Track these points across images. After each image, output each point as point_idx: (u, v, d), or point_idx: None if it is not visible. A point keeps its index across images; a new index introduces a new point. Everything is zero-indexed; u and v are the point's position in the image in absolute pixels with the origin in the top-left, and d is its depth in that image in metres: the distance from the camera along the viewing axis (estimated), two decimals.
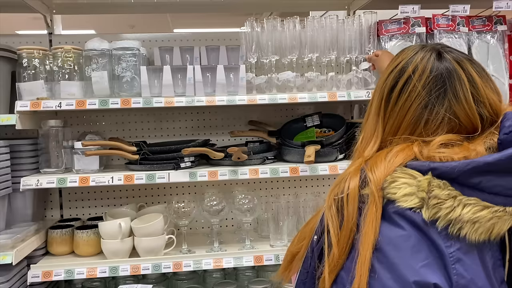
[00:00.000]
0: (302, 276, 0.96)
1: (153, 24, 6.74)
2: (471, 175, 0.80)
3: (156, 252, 2.02)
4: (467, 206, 0.79)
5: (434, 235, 0.80)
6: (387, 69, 0.98)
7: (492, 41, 2.18)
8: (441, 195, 0.80)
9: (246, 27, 2.09)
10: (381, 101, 0.96)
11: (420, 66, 0.92)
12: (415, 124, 0.91)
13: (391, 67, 0.97)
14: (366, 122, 1.00)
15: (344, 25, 2.10)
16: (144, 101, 1.95)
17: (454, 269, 0.77)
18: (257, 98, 2.01)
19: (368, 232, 0.82)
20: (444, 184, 0.81)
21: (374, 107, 0.98)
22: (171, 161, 2.02)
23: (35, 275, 1.91)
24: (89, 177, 1.94)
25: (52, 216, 2.39)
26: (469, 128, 0.89)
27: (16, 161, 2.02)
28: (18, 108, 1.89)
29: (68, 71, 2.02)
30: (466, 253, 0.79)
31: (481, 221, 0.79)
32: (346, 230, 0.86)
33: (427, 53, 0.94)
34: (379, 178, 0.85)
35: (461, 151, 0.83)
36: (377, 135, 0.96)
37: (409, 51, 0.97)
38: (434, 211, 0.80)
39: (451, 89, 0.89)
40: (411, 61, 0.94)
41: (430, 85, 0.90)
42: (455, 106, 0.88)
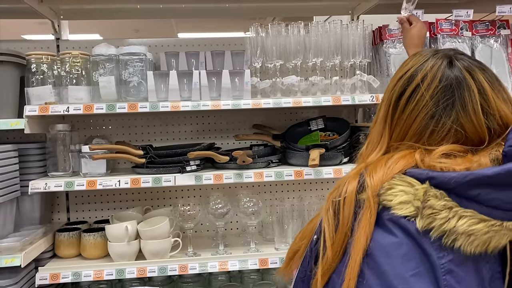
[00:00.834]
0: (301, 274, 0.96)
1: (157, 28, 6.79)
2: (469, 187, 0.78)
3: (162, 254, 2.04)
4: (463, 218, 0.78)
5: (427, 245, 0.79)
6: (396, 74, 0.97)
7: (496, 45, 2.20)
8: (436, 205, 0.79)
9: (251, 32, 2.11)
10: (388, 108, 0.95)
11: (430, 75, 0.90)
12: (421, 133, 0.89)
13: (400, 72, 0.95)
14: (373, 127, 0.99)
15: (348, 29, 2.12)
16: (150, 106, 1.97)
17: (445, 280, 0.76)
18: (261, 102, 2.03)
19: (360, 237, 0.82)
20: (441, 194, 0.79)
21: (381, 113, 0.97)
22: (177, 164, 2.04)
23: (43, 277, 1.94)
24: (96, 180, 1.96)
25: (59, 219, 2.42)
26: (476, 140, 0.87)
27: (24, 164, 2.05)
28: (27, 112, 1.92)
29: (76, 76, 2.05)
30: (459, 265, 0.78)
31: (476, 234, 0.77)
32: (340, 234, 0.86)
33: (438, 60, 0.91)
34: (376, 184, 0.84)
35: (463, 162, 0.82)
36: (383, 141, 0.95)
37: (420, 57, 0.95)
38: (428, 221, 0.79)
39: (460, 100, 0.87)
40: (420, 68, 0.92)
41: (438, 95, 0.88)
42: (462, 118, 0.87)
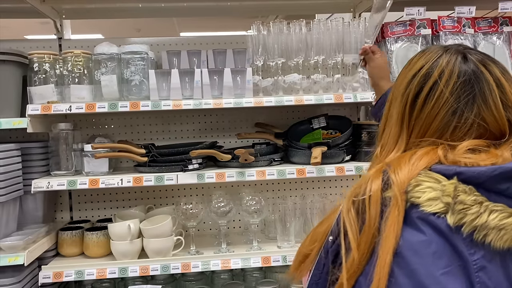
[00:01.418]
0: (315, 277, 0.93)
1: (159, 28, 6.80)
2: (498, 181, 0.77)
3: (165, 253, 2.04)
4: (494, 212, 0.76)
5: (458, 241, 0.77)
6: (407, 73, 0.94)
7: (498, 42, 2.19)
8: (467, 201, 0.77)
9: (253, 30, 2.11)
10: (404, 108, 0.92)
11: (447, 71, 0.88)
12: (443, 130, 0.88)
13: (412, 70, 0.93)
14: (384, 129, 0.97)
15: (349, 27, 2.11)
16: (152, 104, 1.98)
17: (478, 277, 0.75)
18: (263, 101, 2.03)
19: (389, 236, 0.79)
20: (470, 189, 0.78)
21: (396, 114, 0.94)
22: (179, 163, 2.04)
23: (46, 275, 1.94)
24: (98, 179, 1.97)
25: (62, 218, 2.43)
26: (497, 134, 0.86)
27: (27, 163, 2.06)
28: (29, 111, 1.92)
29: (78, 75, 2.05)
30: (490, 261, 0.76)
31: (507, 228, 0.76)
32: (367, 235, 0.82)
33: (452, 56, 0.90)
34: (402, 181, 0.82)
35: (488, 157, 0.80)
36: (401, 141, 0.93)
37: (431, 54, 0.92)
38: (460, 216, 0.77)
39: (480, 94, 0.86)
40: (436, 65, 0.89)
41: (458, 91, 0.86)
42: (484, 112, 0.85)
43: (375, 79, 1.77)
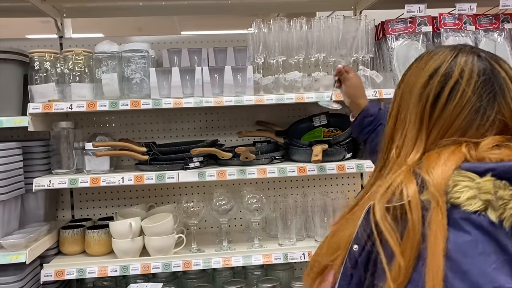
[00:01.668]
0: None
1: (160, 27, 6.80)
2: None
3: (166, 251, 2.04)
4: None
5: (501, 236, 0.77)
6: (420, 74, 0.93)
7: (499, 39, 2.19)
8: (505, 196, 0.78)
9: (253, 28, 2.11)
10: (424, 108, 0.91)
11: (467, 70, 0.89)
12: (465, 129, 0.88)
13: (428, 71, 0.92)
14: (394, 131, 0.96)
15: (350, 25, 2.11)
16: (153, 102, 1.98)
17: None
18: (264, 98, 2.03)
19: (437, 240, 0.77)
20: (504, 184, 0.79)
21: (413, 115, 0.93)
22: (180, 161, 2.04)
23: (47, 274, 1.95)
24: (100, 177, 1.97)
25: (63, 217, 2.43)
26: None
27: (28, 162, 2.06)
28: (30, 110, 1.92)
29: (79, 74, 2.05)
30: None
31: None
32: (412, 241, 0.80)
33: (468, 55, 0.91)
34: (439, 182, 0.81)
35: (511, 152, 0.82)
36: (420, 143, 0.92)
37: (445, 53, 0.93)
38: (500, 212, 0.77)
39: (500, 91, 0.88)
40: (454, 64, 0.90)
41: (480, 89, 0.88)
42: (504, 109, 0.88)
43: (352, 98, 1.73)
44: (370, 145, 1.68)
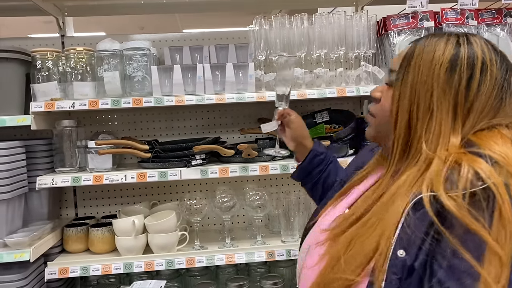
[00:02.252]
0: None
1: (162, 25, 6.80)
2: None
3: (169, 248, 2.05)
4: None
5: None
6: (437, 64, 0.90)
7: (502, 34, 2.17)
8: None
9: (254, 25, 2.11)
10: (457, 94, 0.89)
11: (486, 51, 0.90)
12: (497, 109, 0.89)
13: (443, 59, 0.90)
14: (412, 124, 0.92)
15: (352, 21, 2.10)
16: (155, 100, 1.98)
17: None
18: (266, 95, 2.03)
19: None
20: None
21: (445, 102, 0.89)
22: (182, 158, 2.05)
23: (52, 272, 1.96)
24: (102, 175, 1.98)
25: (67, 215, 2.44)
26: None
27: (31, 161, 2.07)
28: (33, 109, 1.93)
29: (81, 72, 2.06)
30: None
31: None
32: (507, 227, 0.72)
33: (476, 38, 0.94)
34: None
35: None
36: (458, 128, 0.89)
37: (452, 40, 0.92)
38: None
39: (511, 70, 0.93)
40: (471, 48, 0.90)
41: (501, 68, 0.91)
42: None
43: (299, 139, 1.57)
44: (322, 187, 1.52)
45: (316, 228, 1.11)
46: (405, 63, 0.95)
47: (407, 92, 0.93)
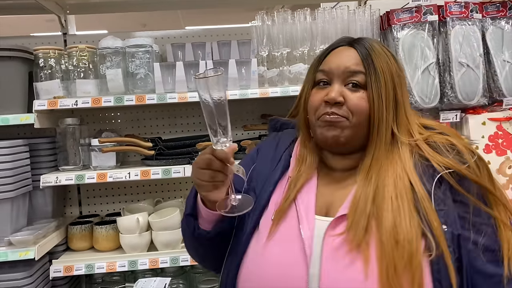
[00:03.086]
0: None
1: (164, 22, 6.78)
2: None
3: (174, 245, 2.05)
4: None
5: None
6: (393, 61, 1.06)
7: (507, 27, 2.15)
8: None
9: (257, 20, 2.10)
10: (406, 91, 1.09)
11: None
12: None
13: (395, 62, 1.06)
14: (398, 115, 1.03)
15: (355, 15, 2.09)
16: (158, 97, 1.97)
17: None
18: (269, 91, 2.02)
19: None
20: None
21: (406, 98, 1.06)
22: (186, 155, 2.04)
23: (57, 270, 1.96)
24: (106, 173, 1.97)
25: (71, 213, 2.45)
26: None
27: (35, 159, 2.07)
28: (36, 107, 1.93)
29: (83, 70, 2.05)
30: None
31: None
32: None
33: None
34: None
35: None
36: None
37: (384, 46, 1.07)
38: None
39: None
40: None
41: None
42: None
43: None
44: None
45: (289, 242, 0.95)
46: (368, 66, 1.01)
47: (382, 91, 1.00)
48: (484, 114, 2.08)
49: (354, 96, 1.00)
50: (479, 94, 2.05)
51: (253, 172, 1.13)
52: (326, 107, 1.00)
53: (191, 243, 1.11)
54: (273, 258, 0.95)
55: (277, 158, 1.12)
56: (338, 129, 0.99)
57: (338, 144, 1.01)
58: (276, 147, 1.16)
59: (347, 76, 1.01)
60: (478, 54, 2.04)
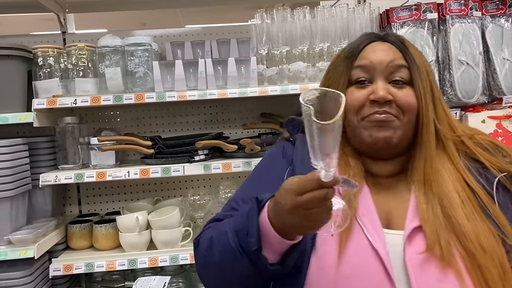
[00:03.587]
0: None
1: (164, 21, 6.77)
2: None
3: (173, 244, 2.05)
4: None
5: None
6: (425, 59, 1.03)
7: (507, 24, 2.15)
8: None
9: (256, 19, 2.09)
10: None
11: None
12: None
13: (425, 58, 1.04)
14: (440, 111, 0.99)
15: (354, 13, 2.09)
16: (157, 96, 1.97)
17: None
18: (268, 90, 2.01)
19: None
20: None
21: (440, 95, 1.02)
22: (185, 154, 2.04)
23: (56, 268, 1.96)
24: (105, 172, 1.97)
25: (71, 212, 2.44)
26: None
27: (34, 158, 2.07)
28: (35, 106, 1.93)
29: (82, 69, 2.05)
30: None
31: None
32: None
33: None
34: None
35: None
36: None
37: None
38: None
39: None
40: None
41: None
42: None
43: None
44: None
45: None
46: (410, 60, 0.96)
47: (426, 85, 0.96)
48: (484, 112, 2.07)
49: (402, 93, 0.94)
50: (478, 92, 2.05)
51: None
52: (373, 107, 0.93)
53: (237, 280, 0.88)
54: (352, 283, 0.84)
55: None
56: (390, 129, 0.92)
57: (390, 145, 0.93)
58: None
59: (391, 72, 0.95)
60: (478, 52, 2.04)
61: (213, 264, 0.90)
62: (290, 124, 1.13)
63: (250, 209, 0.84)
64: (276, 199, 0.78)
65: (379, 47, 0.98)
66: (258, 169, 1.12)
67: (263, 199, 0.84)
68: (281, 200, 0.76)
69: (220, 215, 1.02)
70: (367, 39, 1.01)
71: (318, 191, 0.71)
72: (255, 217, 0.82)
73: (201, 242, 0.97)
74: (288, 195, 0.74)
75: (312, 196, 0.71)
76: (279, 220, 0.79)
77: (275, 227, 0.80)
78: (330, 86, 0.99)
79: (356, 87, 0.97)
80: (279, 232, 0.80)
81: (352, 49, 1.00)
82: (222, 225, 0.92)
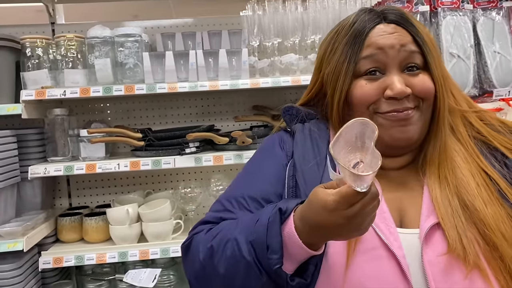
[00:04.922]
0: None
1: (155, 13, 6.70)
2: None
3: (164, 237, 2.04)
4: None
5: None
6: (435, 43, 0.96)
7: (498, 17, 2.15)
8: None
9: (248, 10, 2.08)
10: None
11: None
12: None
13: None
14: (448, 91, 0.94)
15: (346, 5, 2.08)
16: (147, 88, 1.95)
17: None
18: (260, 82, 2.00)
19: None
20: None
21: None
22: (176, 146, 2.03)
23: (46, 261, 1.95)
24: (95, 164, 1.96)
25: (61, 205, 2.42)
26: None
27: (23, 150, 2.04)
28: (23, 97, 1.90)
29: (72, 60, 2.02)
30: None
31: None
32: None
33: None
34: None
35: None
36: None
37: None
38: None
39: None
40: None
41: None
42: None
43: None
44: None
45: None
46: (423, 43, 0.89)
47: (441, 70, 0.92)
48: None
49: (418, 80, 0.87)
50: (469, 85, 2.05)
51: (297, 176, 0.90)
52: (391, 103, 0.85)
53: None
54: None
55: (322, 156, 0.91)
56: (412, 125, 0.86)
57: (410, 144, 0.88)
58: (313, 142, 0.95)
59: (405, 59, 0.87)
60: (469, 45, 2.04)
61: (216, 277, 0.81)
62: (288, 113, 1.02)
63: (272, 222, 0.76)
64: (308, 216, 0.72)
65: (387, 30, 0.88)
66: (251, 165, 1.02)
67: (286, 210, 0.76)
68: (317, 217, 0.70)
69: (210, 217, 0.93)
70: (370, 21, 0.90)
71: (368, 200, 0.67)
72: (278, 232, 0.74)
73: (193, 249, 0.87)
74: (331, 212, 0.68)
75: (363, 204, 0.67)
76: (312, 234, 0.73)
77: (303, 241, 0.74)
78: (329, 75, 0.92)
79: (366, 79, 0.88)
80: (307, 244, 0.74)
81: (354, 34, 0.90)
82: (225, 231, 0.83)
